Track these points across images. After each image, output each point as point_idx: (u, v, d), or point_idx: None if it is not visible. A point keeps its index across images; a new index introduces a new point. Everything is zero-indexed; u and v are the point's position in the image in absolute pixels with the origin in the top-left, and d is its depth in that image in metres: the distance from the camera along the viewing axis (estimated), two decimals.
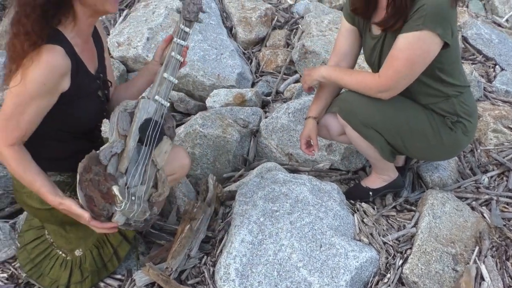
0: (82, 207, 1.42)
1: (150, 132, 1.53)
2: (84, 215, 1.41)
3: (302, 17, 3.44)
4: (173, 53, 1.59)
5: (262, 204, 1.88)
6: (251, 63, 3.20)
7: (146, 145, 1.52)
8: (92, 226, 1.45)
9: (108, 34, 3.17)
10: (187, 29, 1.59)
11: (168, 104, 1.60)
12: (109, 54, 3.06)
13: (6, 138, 1.40)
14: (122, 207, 1.41)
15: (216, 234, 1.94)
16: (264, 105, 2.84)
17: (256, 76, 3.11)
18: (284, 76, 3.06)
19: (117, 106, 1.54)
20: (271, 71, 3.12)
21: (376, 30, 1.82)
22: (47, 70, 1.35)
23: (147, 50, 2.90)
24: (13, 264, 1.89)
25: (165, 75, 1.58)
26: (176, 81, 1.60)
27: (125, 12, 3.39)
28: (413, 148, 1.86)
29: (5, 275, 1.85)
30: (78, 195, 1.38)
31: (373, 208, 2.05)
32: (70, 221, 1.68)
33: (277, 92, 2.96)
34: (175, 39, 1.60)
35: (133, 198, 1.44)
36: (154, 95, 1.57)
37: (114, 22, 3.35)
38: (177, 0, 3.19)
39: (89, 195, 1.39)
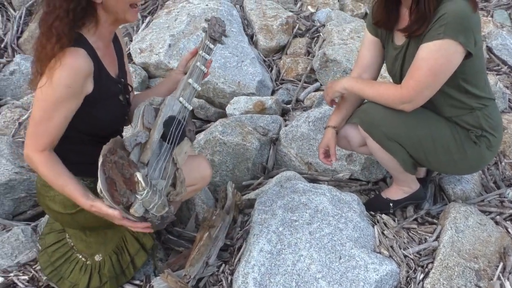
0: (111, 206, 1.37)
1: (173, 130, 1.54)
2: (115, 213, 1.37)
3: (324, 25, 3.43)
4: (198, 63, 1.65)
5: (281, 213, 1.87)
6: (271, 71, 3.20)
7: (168, 142, 1.52)
8: (125, 225, 1.43)
9: (131, 41, 3.21)
10: (211, 46, 1.67)
11: (191, 108, 1.63)
12: (131, 60, 3.10)
13: (36, 144, 1.43)
14: (143, 195, 1.37)
15: (235, 242, 1.93)
16: (284, 113, 2.83)
17: (276, 84, 3.11)
18: (304, 84, 3.05)
19: (143, 102, 1.56)
20: (292, 79, 3.12)
21: (399, 41, 1.81)
22: (71, 72, 1.38)
23: (169, 56, 2.93)
24: (34, 267, 1.91)
25: (190, 81, 1.63)
26: (200, 88, 1.64)
27: (147, 19, 3.44)
28: (435, 161, 1.83)
29: (26, 277, 1.87)
30: (99, 177, 1.33)
31: (394, 220, 2.02)
32: (91, 226, 1.70)
33: (297, 101, 2.95)
34: (200, 51, 1.66)
35: (154, 188, 1.41)
36: (178, 97, 1.60)
37: (136, 28, 3.39)
38: (200, 8, 3.22)
39: (111, 177, 1.35)
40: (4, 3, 3.56)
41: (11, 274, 1.88)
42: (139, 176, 1.37)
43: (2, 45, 3.28)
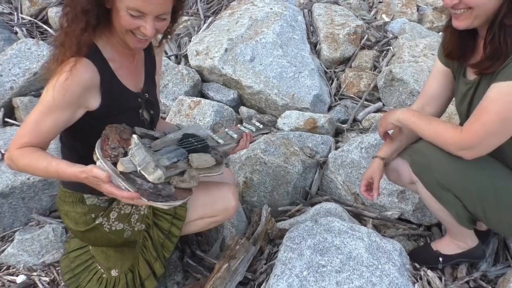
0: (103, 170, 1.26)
1: (193, 141, 1.45)
2: (102, 175, 1.22)
3: (396, 38, 3.14)
4: (229, 131, 1.64)
5: (309, 254, 1.69)
6: (331, 84, 2.98)
7: (184, 148, 1.43)
8: (112, 192, 1.26)
9: (190, 41, 3.14)
10: (256, 123, 1.66)
11: (222, 142, 1.55)
12: (187, 62, 3.03)
13: (17, 143, 1.34)
14: (132, 146, 1.29)
15: (257, 277, 1.78)
16: (338, 133, 2.62)
17: (335, 99, 2.89)
18: (365, 102, 2.80)
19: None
20: (352, 95, 2.88)
21: (471, 75, 1.54)
22: (69, 81, 1.30)
23: (223, 62, 2.82)
24: (57, 268, 1.91)
25: (212, 134, 1.60)
26: (222, 142, 1.56)
27: (210, 19, 3.35)
28: (495, 221, 1.54)
29: (47, 279, 1.87)
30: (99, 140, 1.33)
31: (440, 280, 1.75)
32: (101, 245, 1.64)
33: (355, 120, 2.71)
34: (240, 125, 1.68)
35: (148, 149, 1.31)
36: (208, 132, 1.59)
37: (198, 28, 3.32)
38: (263, 11, 3.07)
39: (106, 134, 1.32)
40: None
41: (34, 273, 1.88)
42: (135, 136, 1.32)
43: None
